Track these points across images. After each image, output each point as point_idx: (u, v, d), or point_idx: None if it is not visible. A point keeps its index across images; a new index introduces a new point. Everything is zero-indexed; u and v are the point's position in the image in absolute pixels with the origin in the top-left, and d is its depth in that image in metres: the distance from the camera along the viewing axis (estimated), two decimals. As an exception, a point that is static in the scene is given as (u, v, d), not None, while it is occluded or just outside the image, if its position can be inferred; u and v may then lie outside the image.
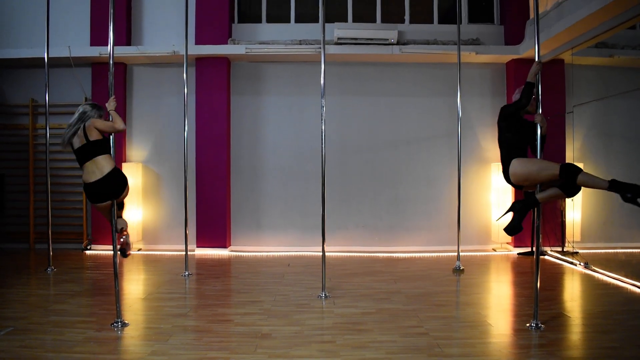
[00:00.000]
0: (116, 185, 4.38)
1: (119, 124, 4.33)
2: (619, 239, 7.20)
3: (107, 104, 4.43)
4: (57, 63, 7.67)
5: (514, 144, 4.35)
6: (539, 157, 4.28)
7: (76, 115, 4.42)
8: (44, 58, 6.61)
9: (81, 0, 7.96)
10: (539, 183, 4.22)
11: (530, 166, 4.17)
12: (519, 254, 7.55)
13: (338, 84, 7.96)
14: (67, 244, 7.98)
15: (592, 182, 3.93)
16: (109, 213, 4.44)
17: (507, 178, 4.37)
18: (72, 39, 7.88)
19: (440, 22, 8.21)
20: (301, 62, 7.96)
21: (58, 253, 7.22)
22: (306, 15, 8.16)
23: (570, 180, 3.98)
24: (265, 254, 7.77)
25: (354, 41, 7.59)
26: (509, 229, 4.40)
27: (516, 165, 4.23)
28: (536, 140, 4.31)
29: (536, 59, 4.36)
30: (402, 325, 4.28)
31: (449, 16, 8.20)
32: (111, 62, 4.43)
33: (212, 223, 7.78)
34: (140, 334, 4.07)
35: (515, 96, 4.59)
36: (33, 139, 8.06)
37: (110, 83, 4.43)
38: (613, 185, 3.83)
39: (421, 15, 8.21)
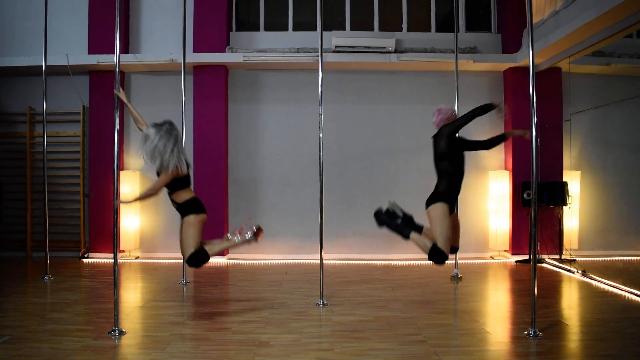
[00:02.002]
0: None
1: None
2: (617, 246, 7.22)
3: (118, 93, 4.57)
4: (55, 71, 7.69)
5: (454, 179, 5.04)
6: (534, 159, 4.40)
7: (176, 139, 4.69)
8: (42, 66, 6.60)
9: (79, 9, 7.99)
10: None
11: (434, 224, 4.64)
12: (516, 261, 7.55)
13: (336, 92, 7.98)
14: (65, 252, 7.96)
15: (421, 243, 4.62)
16: None
17: (427, 203, 4.86)
18: (70, 47, 7.87)
19: (437, 30, 8.25)
20: (299, 70, 7.98)
21: (55, 261, 7.19)
22: (304, 24, 8.20)
23: (431, 255, 4.52)
24: (263, 261, 7.76)
25: (351, 49, 7.61)
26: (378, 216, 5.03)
27: (432, 213, 4.73)
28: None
29: (530, 71, 4.38)
30: (400, 332, 4.27)
31: (446, 24, 8.23)
32: (117, 69, 4.45)
33: (210, 230, 7.69)
34: (137, 342, 4.06)
35: (440, 118, 5.13)
36: (30, 147, 8.05)
37: (116, 90, 4.49)
38: None
39: (419, 24, 8.25)
